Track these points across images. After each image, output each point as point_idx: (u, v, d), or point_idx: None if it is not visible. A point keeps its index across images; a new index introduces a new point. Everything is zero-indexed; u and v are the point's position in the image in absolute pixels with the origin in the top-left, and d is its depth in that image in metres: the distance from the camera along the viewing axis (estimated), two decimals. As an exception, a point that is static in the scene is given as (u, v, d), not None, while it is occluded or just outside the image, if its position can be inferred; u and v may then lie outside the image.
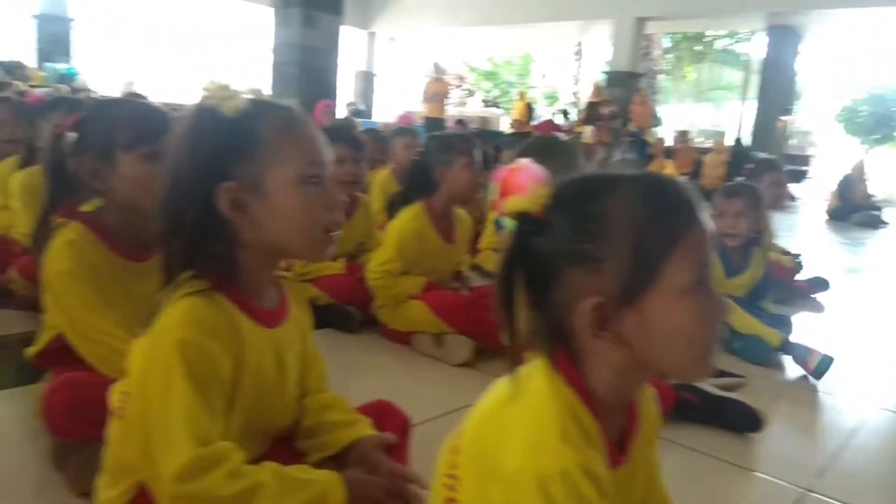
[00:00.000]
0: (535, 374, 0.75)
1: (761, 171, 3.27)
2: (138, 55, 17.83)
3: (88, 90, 10.87)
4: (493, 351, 2.14)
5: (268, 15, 8.07)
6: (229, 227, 0.93)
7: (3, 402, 1.59)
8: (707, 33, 19.92)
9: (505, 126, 14.27)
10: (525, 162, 0.73)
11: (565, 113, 14.06)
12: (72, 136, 1.35)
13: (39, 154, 2.27)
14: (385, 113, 16.55)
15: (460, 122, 7.84)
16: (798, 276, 3.54)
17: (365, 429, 1.08)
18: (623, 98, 11.88)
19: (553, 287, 0.73)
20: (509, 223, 0.75)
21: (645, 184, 0.72)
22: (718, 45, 21.35)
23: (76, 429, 1.18)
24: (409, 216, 2.23)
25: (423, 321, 2.14)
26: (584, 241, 0.70)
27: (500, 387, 0.79)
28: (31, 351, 1.42)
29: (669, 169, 10.47)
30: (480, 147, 4.98)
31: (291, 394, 1.06)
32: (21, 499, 1.21)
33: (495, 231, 3.43)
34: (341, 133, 2.39)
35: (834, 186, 9.65)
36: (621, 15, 12.38)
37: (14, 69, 10.39)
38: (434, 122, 11.00)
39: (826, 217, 9.05)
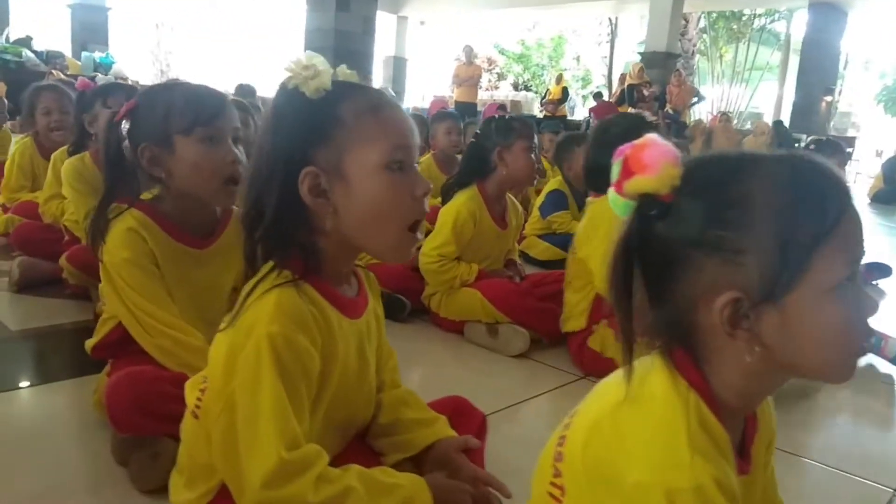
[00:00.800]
0: (653, 375, 0.68)
1: (824, 153, 3.13)
2: (172, 43, 18.00)
3: (125, 78, 11.01)
4: (548, 340, 2.08)
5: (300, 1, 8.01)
6: (311, 214, 0.88)
7: (61, 394, 1.57)
8: (744, 11, 19.37)
9: (537, 110, 14.11)
10: (652, 137, 0.65)
11: (599, 95, 13.84)
12: (126, 124, 1.31)
13: (89, 141, 2.26)
14: (416, 98, 16.49)
15: (502, 106, 7.68)
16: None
17: (445, 429, 1.02)
18: (660, 79, 11.61)
19: (678, 279, 0.65)
20: (621, 205, 0.68)
21: (792, 166, 0.64)
22: (756, 24, 20.77)
23: (140, 424, 1.14)
24: (465, 198, 2.16)
25: (476, 310, 2.08)
26: (721, 228, 0.63)
27: (608, 388, 0.72)
28: (91, 343, 1.39)
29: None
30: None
31: (371, 388, 1.02)
32: (82, 494, 1.18)
33: (540, 217, 3.34)
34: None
35: (877, 169, 9.34)
36: (658, -6, 12.08)
37: (53, 58, 10.54)
38: (466, 107, 10.89)
39: (868, 200, 8.76)
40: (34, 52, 10.59)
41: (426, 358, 2.02)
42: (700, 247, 0.64)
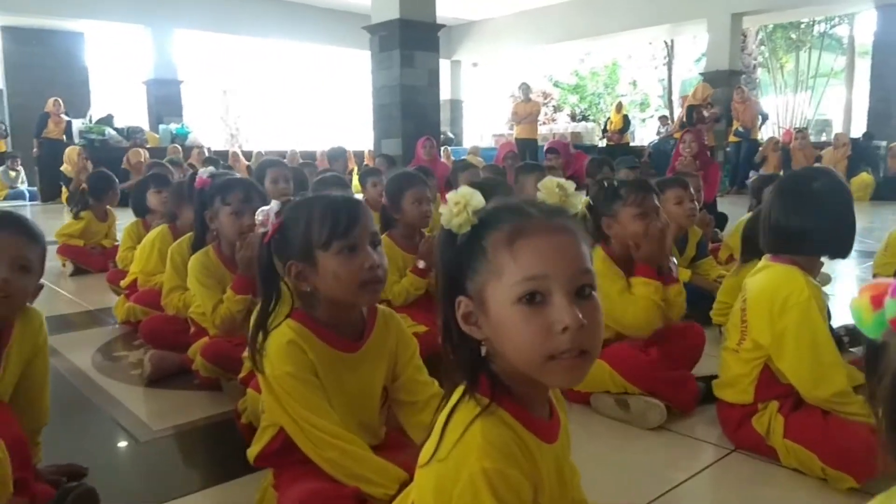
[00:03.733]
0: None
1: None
2: (241, 108, 18.81)
3: (200, 146, 11.53)
4: (685, 412, 2.00)
5: (365, 58, 8.23)
6: (476, 343, 0.91)
7: (215, 502, 1.59)
8: (803, 20, 18.86)
9: (597, 139, 14.01)
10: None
11: (664, 118, 13.65)
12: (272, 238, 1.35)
13: (209, 235, 2.35)
14: (475, 138, 16.65)
15: (576, 149, 7.52)
16: None
17: None
18: (725, 98, 11.39)
19: None
20: (873, 327, 0.63)
21: None
22: (816, 30, 20.17)
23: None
24: (598, 260, 2.04)
25: (605, 381, 2.02)
26: None
27: None
28: (253, 452, 1.41)
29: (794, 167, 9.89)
30: (606, 169, 4.84)
31: None
32: None
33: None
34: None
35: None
36: (716, 12, 11.93)
37: (133, 133, 11.15)
38: (527, 143, 10.92)
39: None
40: (115, 129, 11.24)
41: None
42: None
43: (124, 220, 4.23)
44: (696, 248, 3.29)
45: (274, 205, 1.78)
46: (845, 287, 3.54)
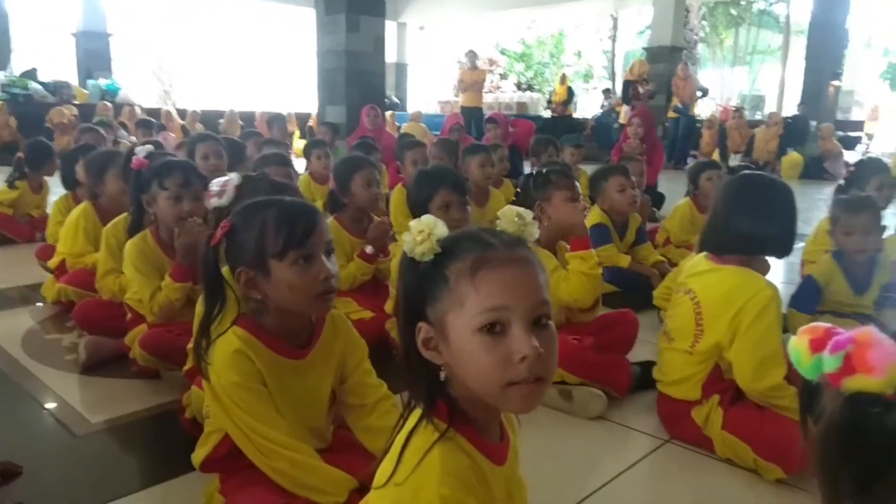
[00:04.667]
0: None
1: (867, 173, 3.11)
2: (175, 64, 17.99)
3: (132, 104, 11.03)
4: (622, 395, 2.08)
5: (308, 15, 7.95)
6: (435, 368, 0.91)
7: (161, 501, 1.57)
8: (744, -4, 19.31)
9: (542, 109, 14.09)
10: (874, 334, 0.65)
11: (608, 92, 13.81)
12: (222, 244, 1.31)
13: (146, 219, 2.27)
14: (420, 103, 16.47)
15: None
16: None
17: None
18: (666, 73, 11.57)
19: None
20: (810, 369, 0.68)
21: None
22: (755, 7, 20.67)
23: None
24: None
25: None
26: None
27: None
28: (199, 457, 1.39)
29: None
30: (551, 148, 4.87)
31: None
32: None
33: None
34: (446, 177, 2.32)
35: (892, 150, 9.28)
36: (662, -12, 12.02)
37: (60, 88, 10.56)
38: (472, 112, 10.87)
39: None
40: (40, 83, 10.62)
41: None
42: None
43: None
44: (635, 234, 3.38)
45: (234, 177, 1.74)
46: (774, 271, 3.68)
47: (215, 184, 1.71)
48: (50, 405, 2.03)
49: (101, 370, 2.26)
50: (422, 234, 0.89)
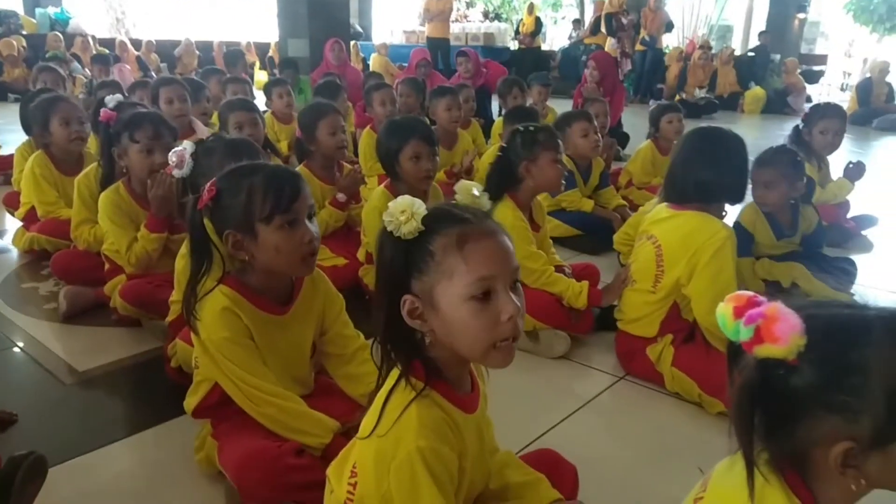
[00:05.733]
0: (769, 490, 0.82)
1: (815, 117, 3.23)
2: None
3: (84, 34, 10.57)
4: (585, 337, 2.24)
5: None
6: (415, 333, 1.01)
7: (153, 445, 1.67)
8: (713, -78, 18.93)
9: (509, 40, 13.87)
10: (782, 309, 0.76)
11: (577, 22, 13.64)
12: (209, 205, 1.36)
13: (116, 171, 2.29)
14: (385, 33, 16.05)
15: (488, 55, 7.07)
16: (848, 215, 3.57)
17: (550, 491, 1.17)
18: (636, 5, 11.46)
19: (798, 423, 0.78)
20: (732, 333, 0.80)
21: None
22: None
23: (269, 497, 1.28)
24: (506, 211, 2.19)
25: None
26: (843, 393, 0.75)
27: (734, 493, 0.85)
28: (191, 404, 1.48)
29: (691, 81, 10.26)
30: (516, 89, 4.88)
31: (487, 464, 1.15)
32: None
33: (549, 196, 3.38)
34: (416, 128, 2.37)
35: (852, 90, 9.45)
36: (630, -87, 11.72)
37: (6, 18, 10.06)
38: (439, 43, 10.66)
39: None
40: (-16, 11, 10.10)
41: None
42: (822, 404, 0.76)
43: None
44: (598, 178, 3.48)
45: (187, 145, 1.78)
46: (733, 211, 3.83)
47: (172, 154, 1.76)
48: (36, 354, 2.10)
49: (81, 319, 2.33)
50: (404, 213, 0.95)
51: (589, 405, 1.90)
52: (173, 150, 1.77)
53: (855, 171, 3.34)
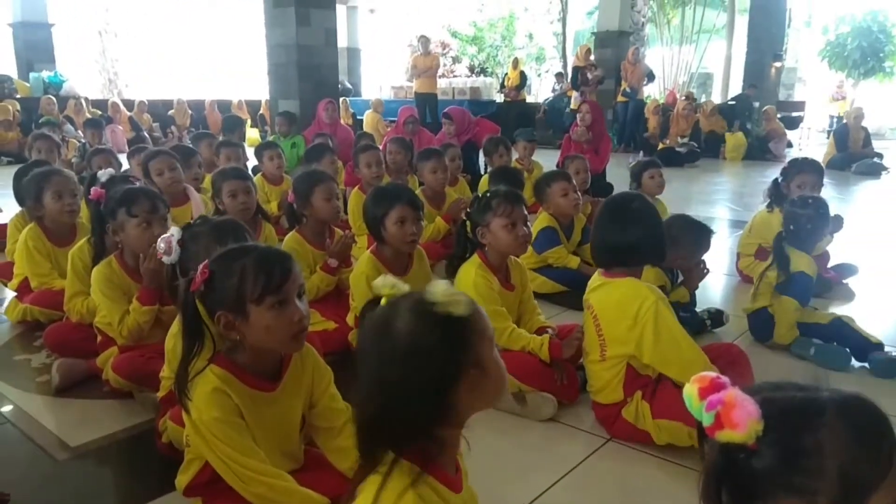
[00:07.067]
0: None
1: (793, 172, 3.36)
2: (118, 51, 17.44)
3: (77, 96, 10.76)
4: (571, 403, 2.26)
5: (257, 6, 7.86)
6: (455, 410, 1.01)
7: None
8: (690, -25, 19.65)
9: (495, 94, 14.19)
10: (740, 396, 0.81)
11: (560, 75, 13.99)
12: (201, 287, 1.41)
13: (109, 245, 2.34)
14: (374, 89, 16.42)
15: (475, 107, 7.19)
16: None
17: None
18: (614, 58, 11.81)
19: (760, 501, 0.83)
20: (696, 413, 0.85)
21: (852, 415, 0.81)
22: (701, -14, 21.00)
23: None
24: (474, 268, 2.27)
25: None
26: (798, 474, 0.79)
27: None
28: (182, 482, 1.51)
29: (673, 130, 10.48)
30: (502, 148, 5.02)
31: None
32: None
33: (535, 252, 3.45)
34: (401, 195, 2.45)
35: (829, 136, 9.66)
36: (607, -29, 12.20)
37: (0, 83, 10.23)
38: (427, 98, 10.93)
39: (824, 167, 9.08)
40: (-22, 77, 10.28)
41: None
42: (782, 486, 0.81)
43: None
44: (580, 234, 3.57)
45: (174, 231, 1.84)
46: (717, 259, 3.92)
47: (160, 241, 1.81)
48: (28, 429, 2.11)
49: (74, 391, 2.34)
50: (452, 294, 0.99)
51: (578, 469, 1.92)
52: (161, 237, 1.82)
53: (833, 225, 3.44)
